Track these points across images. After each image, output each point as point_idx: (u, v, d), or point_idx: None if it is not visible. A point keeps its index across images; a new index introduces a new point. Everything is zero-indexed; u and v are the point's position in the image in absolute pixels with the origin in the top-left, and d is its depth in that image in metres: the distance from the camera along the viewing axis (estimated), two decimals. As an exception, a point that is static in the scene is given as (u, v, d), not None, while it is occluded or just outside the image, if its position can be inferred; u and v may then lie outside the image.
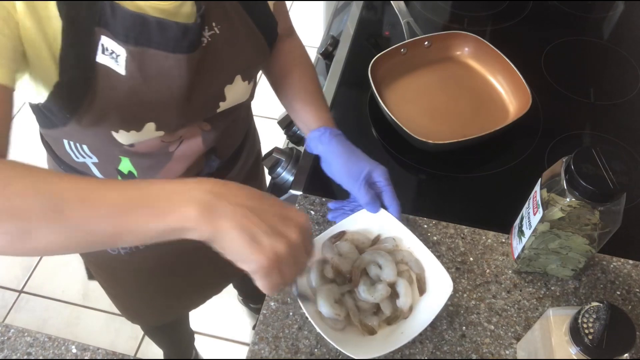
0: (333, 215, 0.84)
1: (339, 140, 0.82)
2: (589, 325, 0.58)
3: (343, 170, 0.80)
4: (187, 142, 0.79)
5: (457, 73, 1.10)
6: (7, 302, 1.88)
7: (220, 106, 0.77)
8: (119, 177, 0.81)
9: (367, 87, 1.01)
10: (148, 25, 0.63)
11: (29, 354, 0.76)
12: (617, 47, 1.18)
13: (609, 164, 0.65)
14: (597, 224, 0.68)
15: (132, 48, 0.63)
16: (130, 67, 0.64)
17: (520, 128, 0.98)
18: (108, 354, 0.76)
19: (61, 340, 0.78)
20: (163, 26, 0.64)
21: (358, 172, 0.78)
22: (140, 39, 0.63)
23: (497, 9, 1.26)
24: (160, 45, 0.65)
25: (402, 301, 0.74)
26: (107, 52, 0.63)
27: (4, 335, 0.78)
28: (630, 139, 1.01)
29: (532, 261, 0.79)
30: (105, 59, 0.64)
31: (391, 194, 0.79)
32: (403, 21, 1.12)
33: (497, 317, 0.78)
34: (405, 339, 0.70)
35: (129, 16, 0.62)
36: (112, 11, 0.61)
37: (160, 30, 0.64)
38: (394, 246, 0.79)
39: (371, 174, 0.79)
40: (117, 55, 0.63)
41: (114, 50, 0.63)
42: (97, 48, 0.63)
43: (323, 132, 0.82)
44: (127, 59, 0.64)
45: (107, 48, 0.63)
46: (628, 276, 0.81)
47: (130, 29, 0.62)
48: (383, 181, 0.79)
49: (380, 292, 0.74)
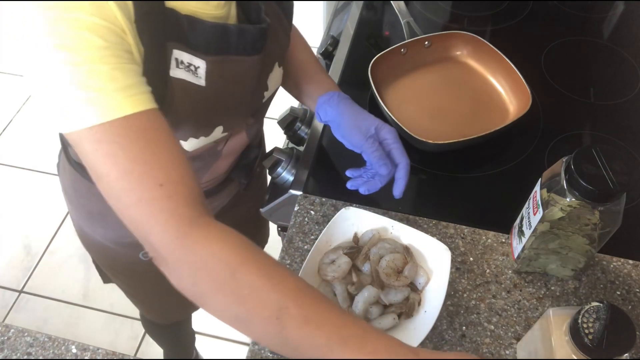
0: (352, 184, 0.82)
1: (347, 102, 0.83)
2: (589, 325, 0.58)
3: (353, 127, 0.80)
4: (234, 138, 0.80)
5: (457, 73, 1.10)
6: (7, 302, 1.88)
7: (265, 96, 0.79)
8: None
9: (367, 87, 1.01)
10: (229, 33, 0.63)
11: (29, 354, 0.76)
12: (617, 47, 1.18)
13: (609, 164, 0.65)
14: (597, 224, 0.68)
15: (212, 58, 0.63)
16: (210, 77, 0.64)
17: (520, 128, 0.98)
18: (108, 354, 0.76)
19: (61, 340, 0.78)
20: (242, 32, 0.64)
21: (367, 128, 0.79)
22: (221, 48, 0.63)
23: (497, 9, 1.26)
24: (239, 50, 0.65)
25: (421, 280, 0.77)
26: (183, 65, 0.62)
27: (4, 335, 0.78)
28: (630, 139, 1.01)
29: (532, 261, 0.79)
30: (181, 73, 0.62)
31: (401, 150, 0.79)
32: (403, 21, 1.12)
33: (497, 317, 0.78)
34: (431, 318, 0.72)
35: (210, 27, 0.62)
36: (189, 24, 0.60)
37: (240, 36, 0.64)
38: (376, 238, 0.80)
39: (380, 130, 0.79)
40: (197, 67, 0.63)
41: (191, 63, 0.62)
42: (170, 63, 0.61)
43: (331, 95, 0.84)
44: (207, 70, 0.63)
45: (182, 61, 0.62)
46: (628, 276, 0.81)
47: (211, 39, 0.62)
48: (392, 138, 0.79)
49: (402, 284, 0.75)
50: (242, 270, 0.53)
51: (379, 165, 0.78)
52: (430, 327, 0.71)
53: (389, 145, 0.79)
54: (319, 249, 0.78)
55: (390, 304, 0.75)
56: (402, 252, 0.78)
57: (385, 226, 0.81)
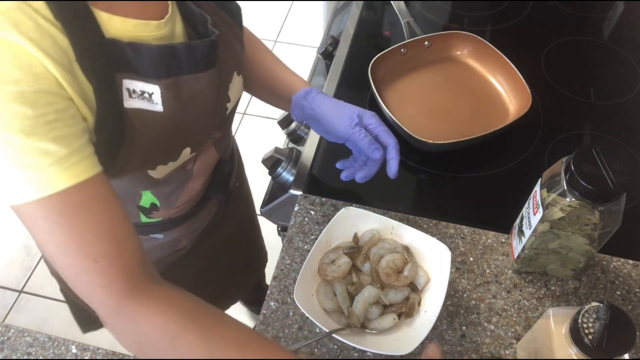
0: (346, 174, 0.81)
1: (322, 95, 0.82)
2: (589, 325, 0.58)
3: (336, 118, 0.79)
4: (203, 155, 0.79)
5: (457, 73, 1.10)
6: (7, 302, 1.88)
7: (228, 107, 0.77)
8: (140, 215, 0.79)
9: (367, 87, 1.01)
10: (177, 53, 0.61)
11: (29, 354, 0.76)
12: (617, 47, 1.18)
13: (609, 164, 0.65)
14: (597, 224, 0.68)
15: (165, 81, 0.61)
16: (167, 101, 0.62)
17: (520, 128, 0.98)
18: (108, 354, 0.76)
19: (61, 340, 0.78)
20: (191, 49, 0.62)
21: (350, 116, 0.78)
22: (171, 69, 0.61)
23: (497, 9, 1.26)
24: (191, 68, 0.63)
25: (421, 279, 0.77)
26: (136, 94, 0.60)
27: (4, 335, 0.78)
28: (630, 139, 1.01)
29: (532, 261, 0.79)
30: (136, 102, 0.60)
31: (387, 132, 0.79)
32: (403, 21, 1.12)
33: (497, 317, 0.78)
34: (431, 318, 0.71)
35: (156, 50, 0.60)
36: (134, 51, 0.58)
37: (189, 53, 0.62)
38: (376, 238, 0.80)
39: (362, 116, 0.79)
40: (151, 94, 0.61)
41: (144, 90, 0.61)
42: (122, 94, 0.59)
43: (306, 91, 0.83)
44: (162, 94, 0.61)
45: (134, 90, 0.60)
46: (628, 276, 0.81)
47: (159, 62, 0.60)
48: (375, 122, 0.78)
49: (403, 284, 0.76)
50: (181, 338, 0.55)
51: (370, 150, 0.77)
52: (430, 327, 0.71)
53: (375, 129, 0.78)
54: (319, 249, 0.78)
55: (390, 304, 0.75)
56: (402, 252, 0.78)
57: (385, 226, 0.81)
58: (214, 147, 0.80)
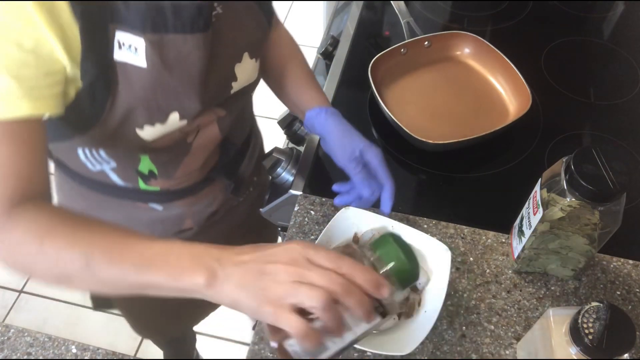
0: (339, 201, 0.83)
1: (334, 119, 0.83)
2: (589, 325, 0.58)
3: (339, 147, 0.81)
4: (204, 130, 0.79)
5: (457, 73, 1.10)
6: (7, 302, 1.88)
7: (233, 87, 0.77)
8: (139, 180, 0.81)
9: (367, 87, 1.01)
10: (163, 10, 0.63)
11: (29, 354, 0.76)
12: (617, 47, 1.18)
13: (609, 164, 0.65)
14: (597, 224, 0.68)
15: (150, 36, 0.63)
16: (151, 57, 0.64)
17: (520, 128, 0.98)
18: (108, 354, 0.76)
19: (61, 340, 0.78)
20: (178, 8, 0.63)
21: (352, 149, 0.79)
22: (157, 25, 0.63)
23: (497, 9, 1.26)
24: (178, 27, 0.64)
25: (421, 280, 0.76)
26: (125, 46, 0.63)
27: (4, 335, 0.78)
28: (630, 139, 1.01)
29: (532, 261, 0.79)
30: (123, 55, 0.63)
31: (385, 173, 0.79)
32: (403, 21, 1.12)
33: (497, 317, 0.78)
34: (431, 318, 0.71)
35: (143, 5, 0.62)
36: (125, 6, 0.61)
37: (175, 12, 0.63)
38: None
39: (365, 152, 0.79)
40: (136, 48, 0.63)
41: (131, 44, 0.63)
42: (113, 46, 0.62)
43: (319, 111, 0.84)
44: (146, 49, 0.63)
45: (123, 43, 0.62)
46: (628, 276, 0.81)
47: (147, 17, 0.62)
48: (377, 161, 0.79)
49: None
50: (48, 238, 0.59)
51: (362, 186, 0.79)
52: (430, 327, 0.71)
53: (374, 168, 0.79)
54: None
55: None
56: None
57: (385, 226, 0.81)
58: (217, 126, 0.80)
